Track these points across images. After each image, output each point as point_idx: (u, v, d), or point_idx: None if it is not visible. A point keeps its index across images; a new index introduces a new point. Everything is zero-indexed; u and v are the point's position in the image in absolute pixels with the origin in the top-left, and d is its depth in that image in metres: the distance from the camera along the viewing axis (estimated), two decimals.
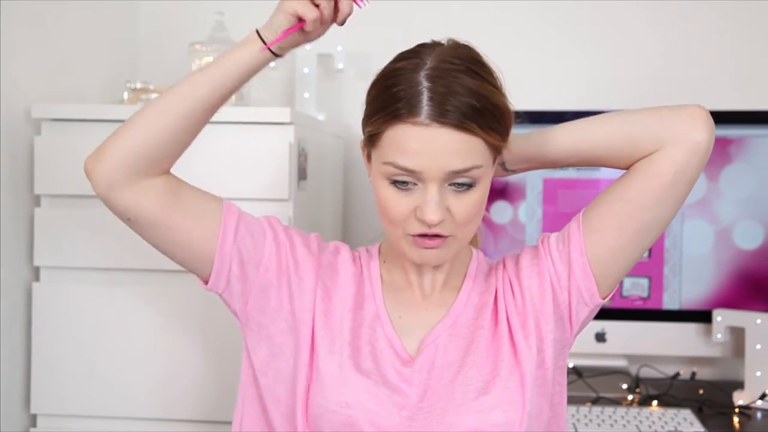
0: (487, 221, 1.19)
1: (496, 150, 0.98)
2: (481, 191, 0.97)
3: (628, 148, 1.01)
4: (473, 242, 1.15)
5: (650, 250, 1.75)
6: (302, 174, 1.49)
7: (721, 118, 1.72)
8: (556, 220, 1.77)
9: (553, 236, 1.07)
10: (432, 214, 0.94)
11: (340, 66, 1.87)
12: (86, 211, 1.46)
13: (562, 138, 1.05)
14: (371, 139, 0.98)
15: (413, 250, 0.99)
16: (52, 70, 1.59)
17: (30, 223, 1.49)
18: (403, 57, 0.99)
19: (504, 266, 1.09)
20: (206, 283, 1.05)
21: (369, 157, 1.01)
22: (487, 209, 1.11)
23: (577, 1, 1.92)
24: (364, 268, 1.10)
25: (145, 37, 1.98)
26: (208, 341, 1.44)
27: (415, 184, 0.95)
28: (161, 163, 1.00)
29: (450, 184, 0.95)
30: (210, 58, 1.59)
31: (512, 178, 1.76)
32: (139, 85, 1.57)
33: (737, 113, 1.74)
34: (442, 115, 0.92)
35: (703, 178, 1.73)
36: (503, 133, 0.97)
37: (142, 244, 1.45)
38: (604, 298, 1.05)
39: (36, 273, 1.50)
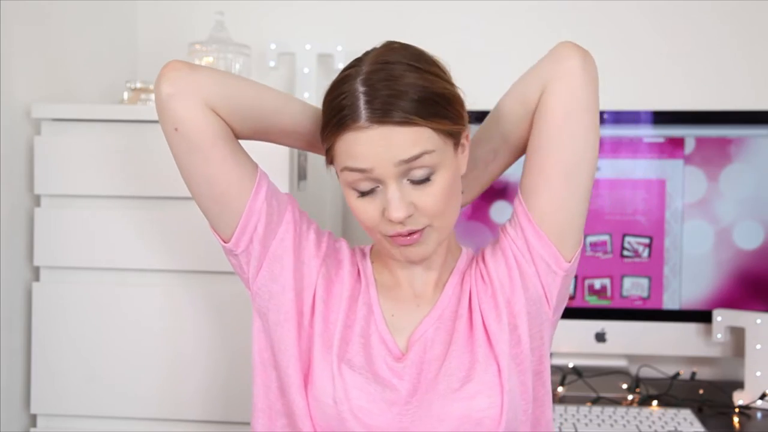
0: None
1: (450, 135, 0.99)
2: (444, 180, 0.97)
3: (522, 106, 1.06)
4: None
5: (650, 250, 1.75)
6: (302, 174, 1.49)
7: (721, 118, 1.74)
8: None
9: (507, 221, 1.10)
10: (396, 212, 0.95)
11: (340, 66, 1.85)
12: (86, 211, 1.45)
13: (478, 138, 1.12)
14: (328, 153, 1.01)
15: (396, 249, 1.01)
16: (52, 70, 1.58)
17: (30, 223, 1.49)
18: (346, 67, 1.01)
19: (477, 259, 1.11)
20: (226, 242, 1.05)
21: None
22: (487, 209, 1.12)
23: (577, 1, 1.92)
24: (359, 265, 1.12)
25: (144, 37, 1.98)
26: (209, 341, 1.44)
27: (377, 186, 0.97)
28: (235, 118, 1.02)
29: (409, 180, 0.96)
30: (210, 59, 1.59)
31: (512, 178, 1.76)
32: (138, 85, 1.57)
33: (737, 113, 1.75)
34: (381, 115, 0.93)
35: (703, 178, 1.74)
36: (453, 118, 0.98)
37: (142, 244, 1.45)
38: (570, 261, 1.05)
39: (36, 273, 1.50)
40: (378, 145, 0.94)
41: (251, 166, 1.05)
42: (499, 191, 1.77)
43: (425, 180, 0.96)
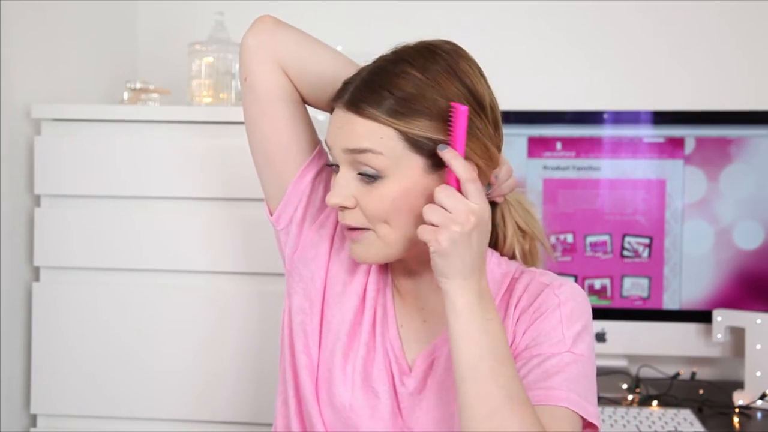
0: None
1: (420, 148, 0.91)
2: (392, 190, 0.91)
3: None
4: (532, 260, 1.08)
5: (650, 250, 1.75)
6: None
7: (721, 118, 1.74)
8: (556, 220, 1.77)
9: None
10: (330, 196, 0.94)
11: None
12: (86, 211, 1.46)
13: None
14: None
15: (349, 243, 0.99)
16: (52, 70, 1.58)
17: (30, 223, 1.49)
18: None
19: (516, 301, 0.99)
20: (271, 214, 1.07)
21: None
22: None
23: (577, 1, 1.92)
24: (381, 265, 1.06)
25: (144, 37, 1.98)
26: (207, 341, 1.44)
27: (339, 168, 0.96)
28: (302, 82, 1.05)
29: (360, 175, 0.93)
30: (210, 59, 1.59)
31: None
32: (138, 85, 1.57)
33: (737, 113, 1.74)
34: (351, 102, 0.93)
35: (703, 178, 1.74)
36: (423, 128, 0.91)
37: (141, 244, 1.45)
38: None
39: (36, 273, 1.50)
40: (339, 126, 0.94)
41: (308, 141, 1.05)
42: None
43: (371, 179, 0.92)
